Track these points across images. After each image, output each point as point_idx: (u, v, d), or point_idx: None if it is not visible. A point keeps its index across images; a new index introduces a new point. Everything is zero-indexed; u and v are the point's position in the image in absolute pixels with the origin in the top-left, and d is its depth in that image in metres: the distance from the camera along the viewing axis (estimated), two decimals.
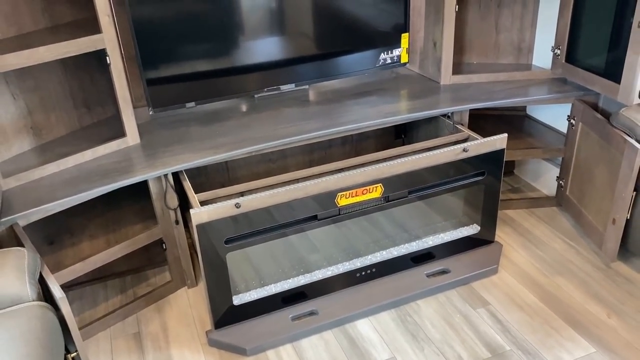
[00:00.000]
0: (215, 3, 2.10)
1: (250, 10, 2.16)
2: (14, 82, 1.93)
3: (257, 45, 2.23)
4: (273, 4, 2.19)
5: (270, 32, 2.23)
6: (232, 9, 2.13)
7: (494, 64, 2.63)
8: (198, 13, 2.09)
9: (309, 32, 2.30)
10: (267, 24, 2.21)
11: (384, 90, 2.49)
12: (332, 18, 2.32)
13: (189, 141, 2.09)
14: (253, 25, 2.19)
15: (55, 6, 2.01)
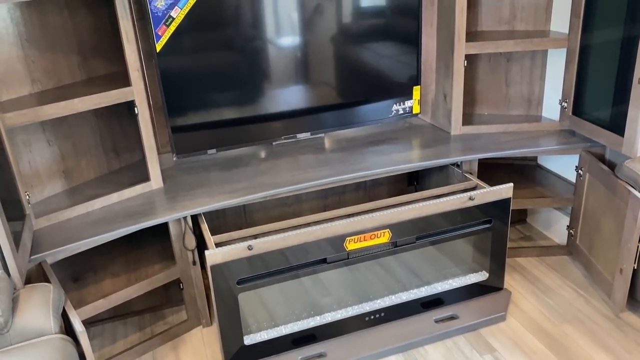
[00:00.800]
0: (237, 56, 2.26)
1: (270, 62, 2.32)
2: (50, 130, 2.10)
3: (277, 95, 2.38)
4: (297, 54, 2.34)
5: (290, 83, 2.38)
6: (252, 62, 2.29)
7: (504, 116, 2.72)
8: (221, 66, 2.25)
9: (326, 83, 2.44)
10: (287, 75, 2.36)
11: (397, 139, 2.60)
12: (349, 70, 2.46)
13: (209, 185, 2.22)
14: (273, 76, 2.34)
15: (90, 61, 2.19)
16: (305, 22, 2.30)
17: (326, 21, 2.34)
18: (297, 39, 2.32)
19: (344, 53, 2.43)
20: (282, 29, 2.29)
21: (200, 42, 2.19)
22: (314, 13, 2.32)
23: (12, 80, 1.97)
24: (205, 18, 2.16)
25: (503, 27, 2.60)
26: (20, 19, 1.95)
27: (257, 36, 2.26)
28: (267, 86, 2.35)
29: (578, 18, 2.29)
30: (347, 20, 2.38)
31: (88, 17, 2.13)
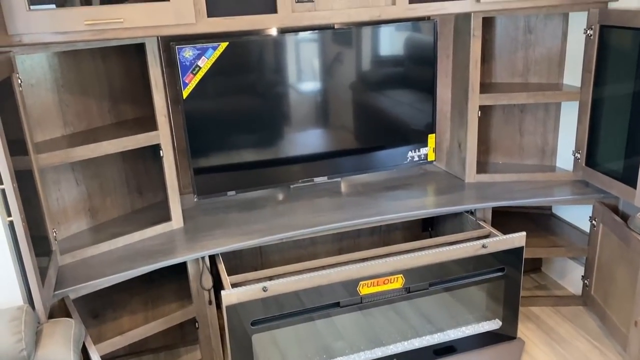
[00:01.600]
0: (259, 102, 2.37)
1: (290, 107, 2.42)
2: (78, 170, 2.20)
3: (296, 139, 2.46)
4: (317, 100, 2.43)
5: (309, 128, 2.47)
6: (274, 107, 2.39)
7: (519, 165, 2.76)
8: (243, 111, 2.35)
9: (344, 128, 2.53)
10: (306, 120, 2.46)
11: (412, 185, 2.65)
12: (366, 116, 2.54)
13: (227, 226, 2.28)
14: (292, 121, 2.44)
15: (120, 105, 2.31)
16: (326, 69, 2.41)
17: (346, 69, 2.44)
18: (318, 85, 2.42)
19: (362, 99, 2.52)
20: (304, 76, 2.40)
21: (224, 88, 2.30)
22: (334, 61, 2.42)
23: (47, 123, 2.09)
24: (230, 67, 2.27)
25: (517, 79, 2.68)
26: (57, 66, 2.08)
27: (279, 83, 2.37)
28: (286, 130, 2.44)
29: (589, 73, 2.36)
30: (366, 68, 2.48)
31: (119, 64, 2.26)
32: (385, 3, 2.13)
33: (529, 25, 2.59)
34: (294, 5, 2.02)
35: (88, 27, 1.78)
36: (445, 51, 2.60)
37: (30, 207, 1.78)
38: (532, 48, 2.62)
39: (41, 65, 2.04)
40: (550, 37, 2.58)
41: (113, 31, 1.82)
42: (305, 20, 2.06)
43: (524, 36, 2.61)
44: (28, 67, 2.00)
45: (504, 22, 2.60)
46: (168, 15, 1.86)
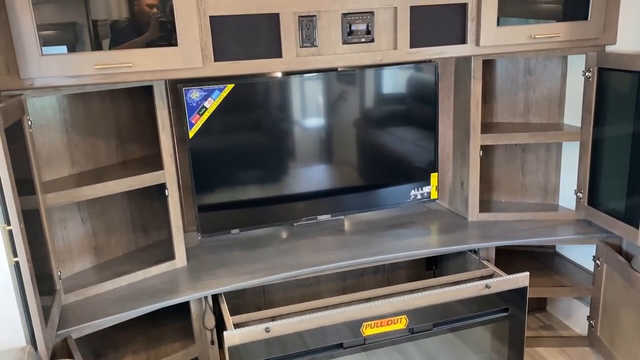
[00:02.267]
0: (264, 141, 2.41)
1: (294, 146, 2.46)
2: (85, 208, 2.23)
3: (299, 176, 2.49)
4: (320, 137, 2.47)
5: (313, 165, 2.50)
6: (278, 146, 2.43)
7: (521, 203, 2.77)
8: (248, 150, 2.39)
9: (348, 165, 2.56)
10: (309, 158, 2.49)
11: (415, 223, 2.66)
12: (369, 153, 2.58)
13: (231, 265, 2.29)
14: (296, 159, 2.47)
15: (127, 144, 2.35)
16: (330, 107, 2.45)
17: (349, 106, 2.49)
18: (321, 123, 2.46)
19: (366, 137, 2.55)
20: (308, 115, 2.44)
21: (230, 128, 2.35)
22: (338, 99, 2.47)
23: (55, 162, 2.13)
24: (236, 107, 2.32)
25: (518, 119, 2.71)
26: (67, 107, 2.13)
27: (284, 121, 2.42)
28: (290, 167, 2.47)
29: (589, 113, 2.40)
30: (369, 106, 2.53)
31: (128, 105, 2.31)
32: (387, 47, 2.18)
33: (529, 67, 2.64)
34: (299, 50, 2.08)
35: (98, 71, 1.83)
36: (447, 92, 2.65)
37: (36, 246, 1.80)
38: (532, 89, 2.67)
39: (51, 106, 2.09)
40: (550, 78, 2.62)
41: (122, 75, 1.88)
42: (309, 64, 2.12)
43: (524, 77, 2.66)
44: (38, 108, 2.05)
45: (504, 63, 2.66)
46: (176, 59, 1.91)
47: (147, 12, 1.88)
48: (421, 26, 2.18)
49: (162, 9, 1.88)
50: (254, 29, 2.02)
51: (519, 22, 2.33)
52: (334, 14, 2.09)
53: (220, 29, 1.97)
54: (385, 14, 2.14)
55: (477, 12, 2.20)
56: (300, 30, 2.06)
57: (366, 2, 2.11)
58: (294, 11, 2.03)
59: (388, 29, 2.16)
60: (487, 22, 2.20)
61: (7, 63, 1.75)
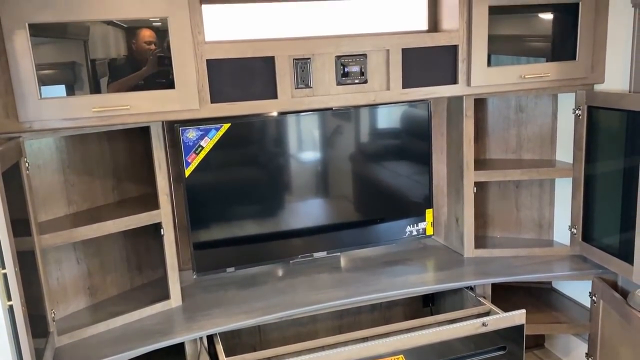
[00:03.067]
0: (259, 178, 2.44)
1: (290, 181, 2.49)
2: (80, 249, 2.23)
3: (295, 212, 2.50)
4: (317, 172, 2.50)
5: (308, 201, 2.52)
6: (273, 184, 2.46)
7: (516, 239, 2.78)
8: (244, 187, 2.41)
9: (343, 200, 2.58)
10: (305, 194, 2.51)
11: (411, 260, 2.66)
12: (365, 187, 2.61)
13: (226, 305, 2.28)
14: (291, 196, 2.50)
15: (124, 183, 2.36)
16: (325, 143, 2.48)
17: (344, 142, 2.52)
18: (317, 159, 2.50)
19: (361, 171, 2.58)
20: (303, 152, 2.48)
21: (226, 166, 2.37)
22: (332, 134, 2.50)
23: (52, 202, 2.14)
24: (232, 145, 2.35)
25: (511, 155, 2.75)
26: (64, 148, 2.15)
27: (279, 159, 2.45)
28: (286, 204, 2.49)
29: (580, 150, 2.43)
30: (364, 140, 2.57)
31: (124, 145, 2.33)
32: (380, 88, 2.23)
33: (520, 104, 2.69)
34: (294, 91, 2.12)
35: (96, 114, 1.86)
36: (440, 129, 2.69)
37: (31, 288, 1.79)
38: (524, 126, 2.71)
39: (49, 147, 2.11)
40: (541, 116, 2.67)
41: (120, 117, 1.91)
42: (304, 104, 2.16)
43: (516, 115, 2.71)
44: (36, 149, 2.07)
45: (496, 101, 2.71)
46: (173, 102, 1.95)
47: (145, 54, 1.92)
48: (413, 67, 2.23)
49: (160, 53, 1.93)
50: (250, 71, 2.06)
51: (510, 60, 2.39)
52: (328, 56, 2.14)
53: (216, 72, 2.02)
54: (378, 56, 2.20)
55: (468, 54, 2.25)
56: (295, 72, 2.11)
57: (359, 45, 2.16)
58: (289, 54, 2.08)
59: (381, 71, 2.21)
60: (478, 63, 2.26)
61: (6, 107, 1.78)
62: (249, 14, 2.20)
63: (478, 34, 2.22)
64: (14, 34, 1.73)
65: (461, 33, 2.23)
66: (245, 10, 2.19)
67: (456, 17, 2.22)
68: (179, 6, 1.89)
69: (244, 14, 2.19)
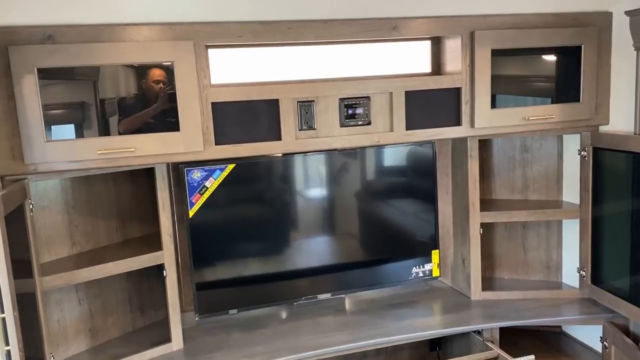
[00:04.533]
0: (263, 219, 2.44)
1: (294, 223, 2.49)
2: (82, 289, 2.21)
3: (299, 254, 2.49)
4: (321, 211, 2.50)
5: (313, 241, 2.50)
6: (276, 225, 2.46)
7: (524, 281, 2.73)
8: (247, 227, 2.41)
9: (348, 240, 2.56)
10: (309, 234, 2.50)
11: (417, 302, 2.61)
12: (370, 225, 2.60)
13: (228, 348, 2.24)
14: (295, 236, 2.49)
15: (127, 224, 2.36)
16: (329, 182, 2.48)
17: (350, 180, 2.52)
18: (321, 198, 2.50)
19: (366, 209, 2.58)
20: (307, 192, 2.48)
21: (230, 206, 2.37)
22: (338, 172, 2.50)
23: (55, 243, 2.13)
24: (236, 186, 2.35)
25: (517, 196, 2.73)
26: (69, 189, 2.16)
27: (283, 199, 2.45)
28: (290, 244, 2.48)
29: (587, 192, 2.41)
30: (369, 178, 2.58)
31: (129, 186, 2.34)
32: (384, 129, 2.24)
33: (525, 145, 2.69)
34: (297, 133, 2.13)
35: (101, 156, 1.88)
36: (445, 169, 2.68)
37: (30, 331, 1.77)
38: (529, 166, 2.70)
39: (54, 188, 2.12)
40: (547, 156, 2.66)
41: (125, 159, 1.92)
42: (308, 146, 2.17)
43: (521, 155, 2.70)
44: (41, 190, 2.08)
45: (501, 142, 2.70)
46: (178, 144, 1.96)
47: (152, 94, 1.94)
48: (416, 109, 2.24)
49: (167, 91, 1.95)
50: (254, 113, 2.08)
51: (514, 101, 2.40)
52: (332, 98, 2.16)
53: (221, 114, 2.04)
54: (381, 99, 2.21)
55: (471, 96, 2.27)
56: (299, 114, 2.12)
57: (362, 87, 2.18)
58: (293, 96, 2.10)
59: (384, 112, 2.23)
60: (481, 105, 2.26)
61: (13, 149, 1.80)
62: (254, 57, 2.23)
63: (481, 77, 2.24)
64: (23, 79, 1.76)
65: (464, 75, 2.25)
66: (250, 54, 2.22)
67: (459, 60, 2.25)
68: (186, 51, 1.92)
69: (248, 57, 2.22)
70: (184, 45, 1.92)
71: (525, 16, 2.24)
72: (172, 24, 1.91)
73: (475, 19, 2.21)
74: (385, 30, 2.13)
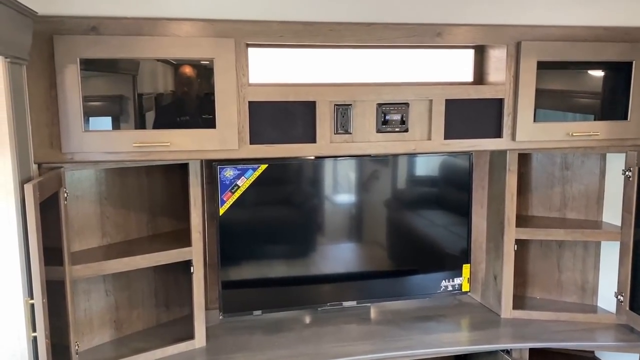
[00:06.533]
0: (294, 219, 2.44)
1: (324, 226, 2.46)
2: (110, 281, 2.22)
3: (327, 258, 2.46)
4: (351, 216, 2.48)
5: (341, 246, 2.47)
6: (307, 226, 2.44)
7: (557, 302, 2.64)
8: (277, 227, 2.40)
9: (376, 246, 2.53)
10: (338, 238, 2.48)
11: (444, 316, 2.55)
12: (399, 234, 2.56)
13: (250, 349, 2.22)
14: (324, 239, 2.46)
15: (158, 218, 2.37)
16: (361, 187, 2.46)
17: (381, 186, 2.49)
18: (352, 203, 2.48)
19: (396, 217, 2.54)
20: (338, 195, 2.47)
21: (260, 206, 2.36)
22: (369, 178, 2.47)
23: (86, 233, 2.15)
24: (268, 186, 2.34)
25: (554, 214, 2.64)
26: (103, 180, 2.18)
27: (314, 201, 2.44)
28: (318, 247, 2.46)
29: (630, 213, 2.31)
30: (401, 186, 2.54)
31: (162, 180, 2.35)
32: (421, 137, 2.19)
33: (566, 162, 2.60)
34: (332, 136, 2.10)
35: (136, 149, 1.88)
36: (481, 182, 2.61)
37: (57, 318, 1.77)
38: (569, 184, 2.61)
39: (88, 178, 2.14)
40: (588, 175, 2.57)
41: (159, 153, 1.92)
42: (342, 150, 2.13)
43: (561, 172, 2.62)
44: (76, 179, 2.10)
45: (540, 157, 2.62)
46: (213, 141, 1.95)
47: (190, 91, 1.95)
48: (456, 118, 2.19)
49: (204, 91, 1.95)
50: (291, 114, 2.06)
51: (557, 116, 2.32)
52: (370, 103, 2.12)
53: (257, 114, 2.02)
54: (420, 106, 2.17)
55: (514, 108, 2.20)
56: (335, 117, 2.10)
57: (401, 94, 2.14)
58: (330, 99, 2.08)
59: (422, 120, 2.18)
60: (524, 118, 2.20)
61: (51, 137, 1.82)
62: (292, 57, 2.21)
63: (525, 89, 2.17)
64: (66, 68, 1.78)
65: (507, 87, 2.19)
66: (289, 54, 2.20)
67: (503, 70, 2.19)
68: (226, 48, 1.92)
69: (287, 58, 2.21)
70: (225, 42, 1.91)
71: (574, 28, 2.17)
72: (214, 21, 1.91)
73: (522, 29, 2.15)
74: (429, 36, 2.09)
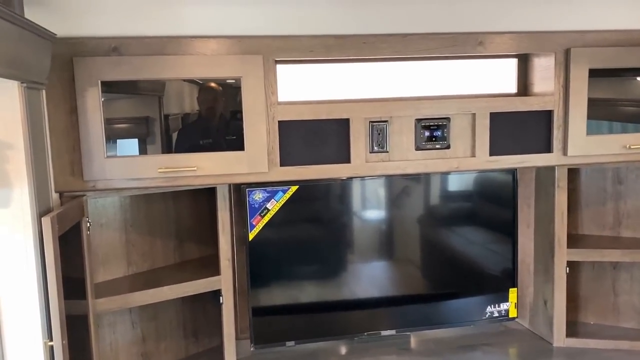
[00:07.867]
0: (324, 243, 2.30)
1: (357, 249, 2.34)
2: (136, 312, 2.12)
3: (362, 284, 2.32)
4: (384, 237, 2.35)
5: (377, 271, 2.33)
6: (339, 249, 2.32)
7: (614, 328, 2.44)
8: (308, 251, 2.28)
9: (416, 271, 2.38)
10: (373, 262, 2.34)
11: (491, 345, 2.37)
12: (437, 255, 2.41)
13: None
14: (358, 264, 2.34)
15: (185, 244, 2.26)
16: (394, 206, 2.32)
17: (419, 204, 2.36)
18: (384, 223, 2.35)
19: (436, 238, 2.40)
20: (371, 215, 2.33)
21: (290, 230, 2.24)
22: (403, 196, 2.33)
23: (111, 262, 2.06)
24: (298, 208, 2.21)
25: (607, 232, 2.45)
26: (128, 207, 2.08)
27: (346, 222, 2.32)
28: (352, 272, 2.34)
29: None
30: (441, 203, 2.40)
31: (189, 204, 2.25)
32: (464, 154, 2.04)
33: (619, 176, 2.41)
34: (368, 155, 1.98)
35: (161, 174, 1.78)
36: (526, 200, 2.44)
37: (81, 354, 1.67)
38: (622, 200, 2.42)
39: (113, 205, 2.05)
40: None
41: (186, 178, 1.82)
42: (378, 169, 2.01)
43: (613, 187, 2.43)
44: (100, 206, 2.01)
45: (590, 171, 2.44)
46: (241, 164, 1.85)
47: (215, 117, 1.85)
48: (501, 133, 2.04)
49: (229, 113, 1.85)
50: (323, 133, 1.94)
51: (607, 128, 2.15)
52: (407, 119, 1.99)
53: (288, 133, 1.91)
54: (463, 120, 2.02)
55: (564, 120, 2.04)
56: (370, 135, 1.97)
57: (442, 108, 2.00)
58: (365, 116, 1.95)
59: (465, 136, 2.03)
60: (576, 131, 2.03)
61: (72, 164, 1.74)
62: (324, 73, 2.10)
63: (576, 99, 2.01)
64: (86, 92, 1.70)
65: (557, 97, 2.03)
66: (320, 70, 2.09)
67: (551, 80, 2.03)
68: (254, 65, 1.82)
69: (318, 73, 2.10)
70: (252, 59, 1.81)
71: (629, 32, 2.01)
72: (241, 37, 1.81)
73: (571, 35, 1.99)
74: (470, 45, 1.95)
